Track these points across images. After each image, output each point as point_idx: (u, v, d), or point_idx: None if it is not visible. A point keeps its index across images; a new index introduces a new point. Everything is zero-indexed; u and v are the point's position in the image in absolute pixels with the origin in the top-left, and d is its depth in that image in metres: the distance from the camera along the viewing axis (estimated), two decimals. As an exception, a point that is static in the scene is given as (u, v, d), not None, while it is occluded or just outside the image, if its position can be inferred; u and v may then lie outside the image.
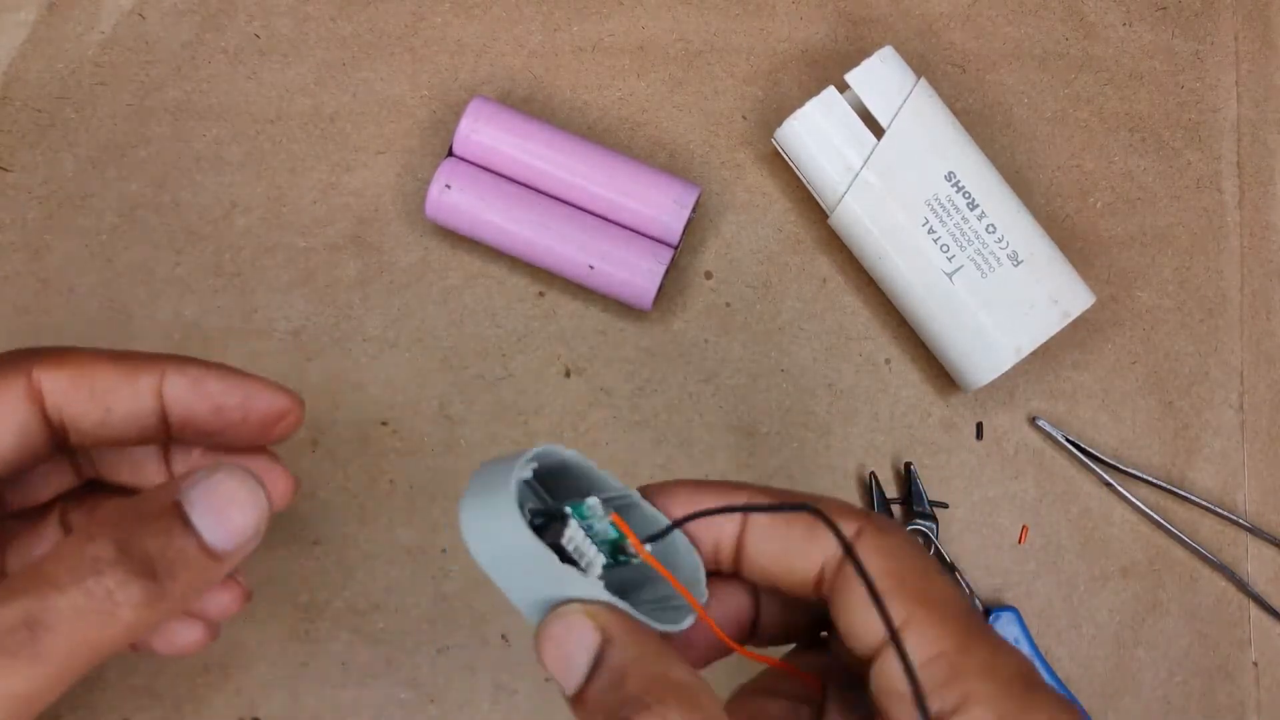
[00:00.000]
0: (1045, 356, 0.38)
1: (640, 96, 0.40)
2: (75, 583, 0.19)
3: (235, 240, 0.38)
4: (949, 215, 0.35)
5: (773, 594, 0.24)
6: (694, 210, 0.37)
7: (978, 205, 0.35)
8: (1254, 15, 0.41)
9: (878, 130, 0.35)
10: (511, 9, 0.40)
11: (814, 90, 0.36)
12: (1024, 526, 0.37)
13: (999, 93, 0.40)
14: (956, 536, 0.37)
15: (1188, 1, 0.42)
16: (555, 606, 0.20)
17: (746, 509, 0.22)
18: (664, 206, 0.36)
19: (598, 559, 0.21)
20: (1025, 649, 0.35)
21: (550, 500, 0.23)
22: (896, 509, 0.37)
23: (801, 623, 0.24)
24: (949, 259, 0.35)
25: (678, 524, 0.22)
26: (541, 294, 0.38)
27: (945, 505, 0.37)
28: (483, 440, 0.37)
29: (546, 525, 0.21)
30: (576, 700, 0.19)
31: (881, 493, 0.37)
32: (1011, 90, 0.40)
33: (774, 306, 0.38)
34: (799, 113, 0.36)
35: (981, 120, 0.40)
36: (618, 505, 0.22)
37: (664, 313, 0.38)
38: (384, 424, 0.37)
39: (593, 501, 0.22)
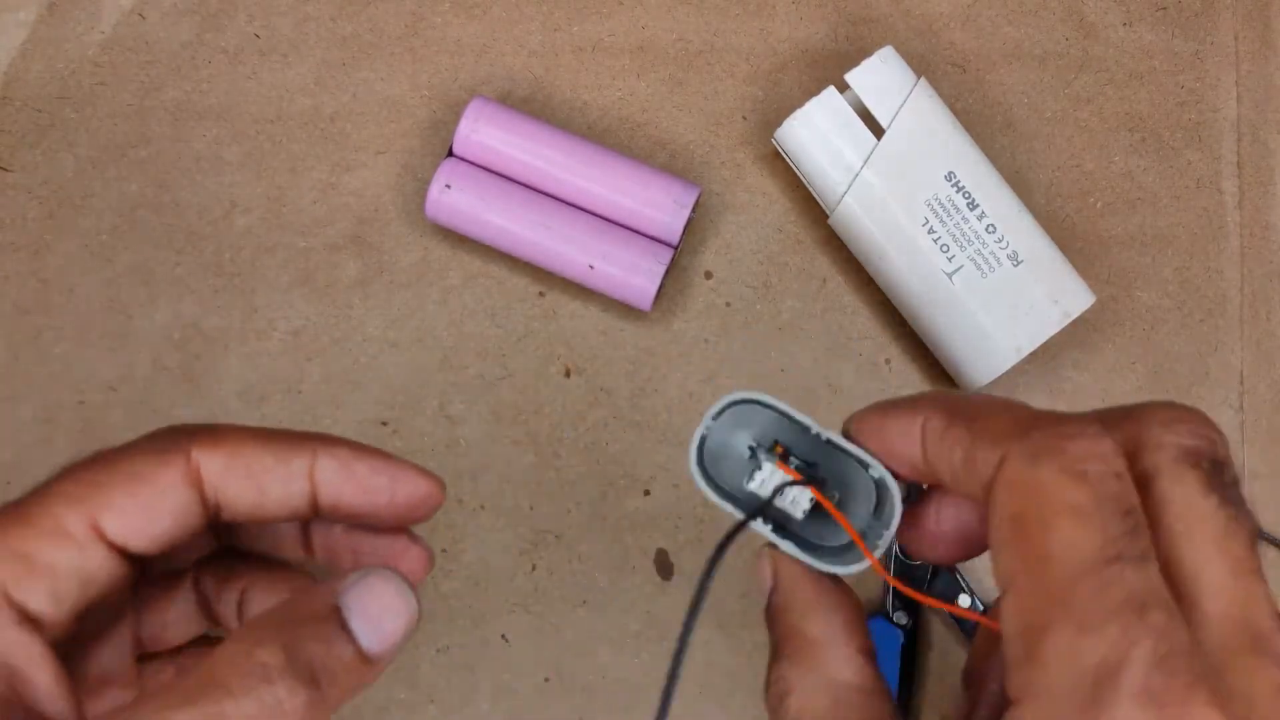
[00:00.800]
0: (1045, 356, 0.38)
1: (640, 96, 0.40)
2: (247, 691, 0.19)
3: (235, 240, 0.38)
4: (949, 215, 0.35)
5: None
6: (694, 210, 0.37)
7: (978, 205, 0.35)
8: (1254, 15, 0.41)
9: (878, 130, 0.35)
10: (511, 9, 0.40)
11: (814, 90, 0.36)
12: (1024, 526, 0.37)
13: (999, 93, 0.40)
14: (956, 536, 0.37)
15: (1188, 1, 0.42)
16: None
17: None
18: (664, 206, 0.36)
19: (802, 495, 0.23)
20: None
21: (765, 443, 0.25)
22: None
23: None
24: (949, 259, 0.35)
25: (750, 518, 0.23)
26: (541, 294, 0.38)
27: (945, 505, 0.37)
28: (483, 440, 0.37)
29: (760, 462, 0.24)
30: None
31: (882, 493, 0.37)
32: (1011, 90, 0.40)
33: (774, 306, 0.38)
34: (799, 113, 0.36)
35: (981, 120, 0.40)
36: (822, 441, 0.24)
37: (664, 313, 0.38)
38: (384, 424, 0.37)
39: (768, 466, 0.24)
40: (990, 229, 0.35)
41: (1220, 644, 0.18)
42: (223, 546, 0.27)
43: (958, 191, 0.35)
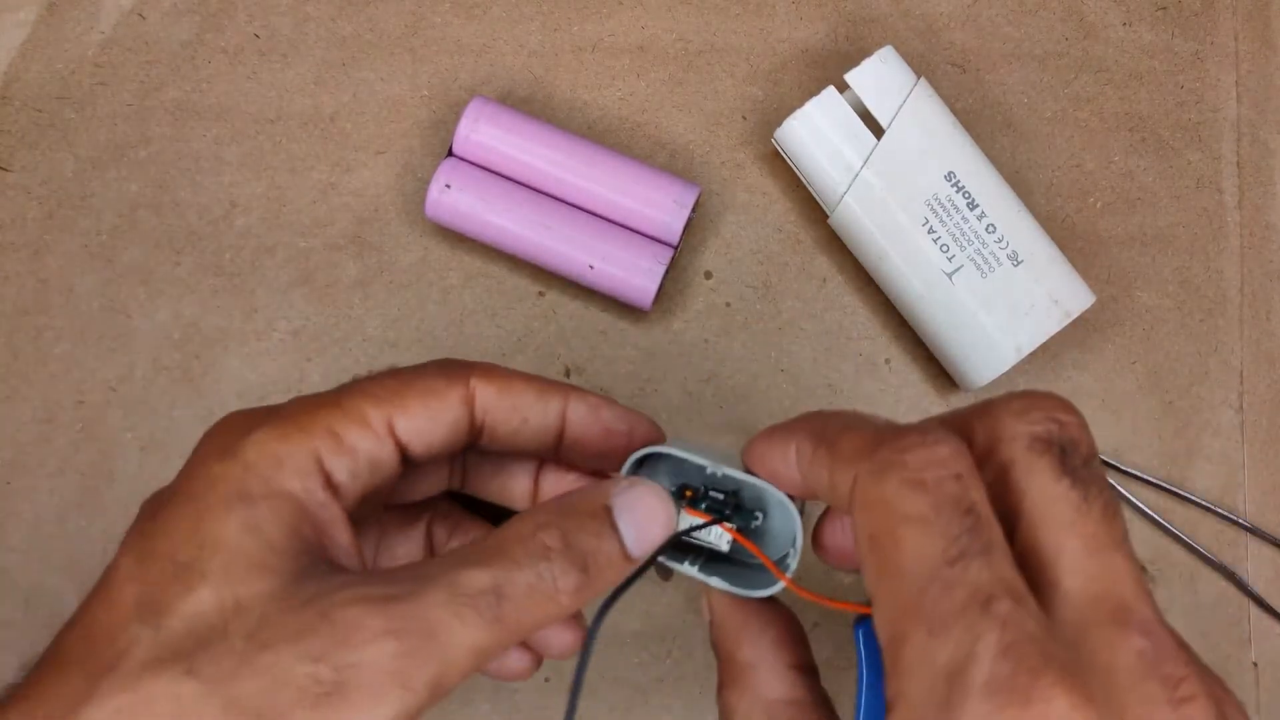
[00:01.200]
0: (1045, 356, 0.38)
1: (640, 96, 0.40)
2: (530, 564, 0.22)
3: (235, 240, 0.38)
4: (949, 215, 0.35)
5: None
6: (694, 210, 0.37)
7: (978, 205, 0.35)
8: (1254, 15, 0.41)
9: (878, 130, 0.35)
10: (511, 9, 0.40)
11: (814, 90, 0.36)
12: (1024, 526, 0.38)
13: (999, 93, 0.40)
14: (956, 536, 0.37)
15: (1188, 1, 0.42)
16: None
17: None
18: (664, 206, 0.36)
19: (722, 539, 0.25)
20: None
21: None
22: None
23: None
24: (949, 259, 0.35)
25: (658, 553, 0.24)
26: (541, 294, 0.38)
27: (945, 505, 0.37)
28: (483, 440, 0.37)
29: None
30: None
31: (881, 493, 0.37)
32: (1011, 90, 0.40)
33: (774, 306, 0.38)
34: (799, 112, 0.36)
35: (981, 120, 0.40)
36: (719, 477, 0.26)
37: (664, 313, 0.38)
38: (384, 424, 0.37)
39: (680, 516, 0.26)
40: (990, 229, 0.35)
41: (1079, 619, 0.18)
42: (456, 493, 0.30)
43: (958, 191, 0.35)
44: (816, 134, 0.36)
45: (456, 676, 0.21)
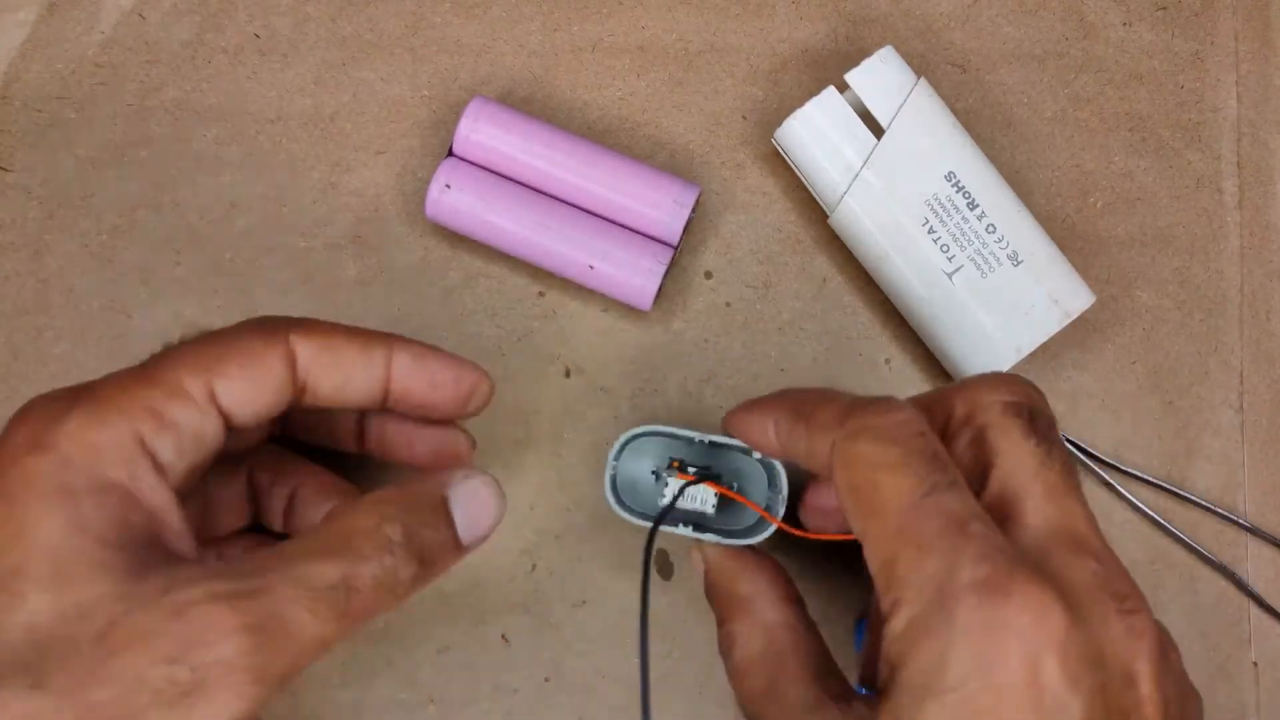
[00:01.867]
0: (1045, 356, 0.38)
1: (640, 96, 0.40)
2: (376, 558, 0.22)
3: (235, 240, 0.38)
4: (949, 215, 0.35)
5: None
6: (694, 210, 0.37)
7: (978, 205, 0.35)
8: (1254, 15, 0.41)
9: (878, 130, 0.35)
10: (511, 9, 0.40)
11: (814, 90, 0.36)
12: (1024, 526, 0.38)
13: (999, 93, 0.40)
14: (956, 536, 0.37)
15: (1188, 1, 0.42)
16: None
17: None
18: (664, 206, 0.36)
19: (708, 494, 0.29)
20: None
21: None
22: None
23: None
24: (949, 259, 0.35)
25: (662, 515, 0.28)
26: (541, 294, 0.38)
27: (945, 505, 0.37)
28: (482, 440, 0.37)
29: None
30: None
31: (881, 493, 0.37)
32: (1011, 90, 0.40)
33: (774, 306, 0.38)
34: (799, 112, 0.36)
35: (981, 120, 0.40)
36: (707, 445, 0.31)
37: (664, 313, 0.38)
38: (384, 424, 0.37)
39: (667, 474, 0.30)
40: (990, 229, 0.35)
41: (1041, 546, 0.22)
42: (277, 437, 0.30)
43: (958, 191, 0.35)
44: (816, 134, 0.36)
45: (303, 666, 0.21)
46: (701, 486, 0.29)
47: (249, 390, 0.23)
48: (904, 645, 0.20)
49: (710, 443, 0.30)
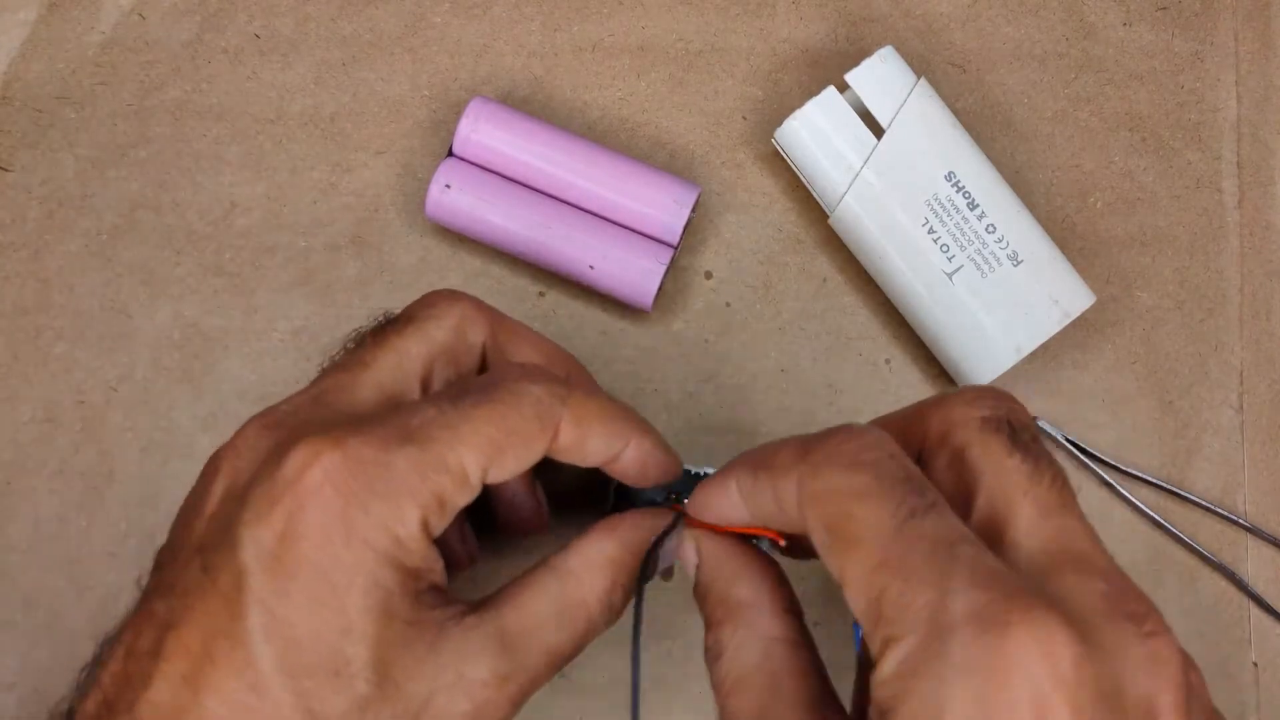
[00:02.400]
0: (1045, 356, 0.38)
1: (640, 96, 0.40)
2: (605, 619, 0.27)
3: (235, 240, 0.38)
4: (949, 215, 0.35)
5: None
6: (694, 210, 0.37)
7: (978, 205, 0.35)
8: (1254, 15, 0.41)
9: (878, 130, 0.35)
10: (511, 9, 0.40)
11: (814, 90, 0.36)
12: (1024, 526, 0.38)
13: (999, 93, 0.40)
14: (956, 536, 0.37)
15: (1188, 1, 0.42)
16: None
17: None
18: (664, 206, 0.36)
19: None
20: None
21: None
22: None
23: None
24: (949, 259, 0.35)
25: (657, 542, 0.27)
26: (542, 294, 0.38)
27: (945, 505, 0.37)
28: (483, 440, 0.37)
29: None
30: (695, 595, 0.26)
31: (881, 493, 0.37)
32: (1011, 90, 0.40)
33: (774, 306, 0.38)
34: (799, 113, 0.36)
35: (981, 120, 0.40)
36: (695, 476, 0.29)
37: (664, 313, 0.38)
38: (384, 424, 0.37)
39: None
40: (990, 229, 0.35)
41: (1039, 568, 0.20)
42: None
43: (958, 191, 0.35)
44: (817, 134, 0.36)
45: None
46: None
47: (513, 469, 0.25)
48: (895, 689, 0.18)
49: (704, 475, 0.29)
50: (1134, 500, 0.37)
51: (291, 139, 0.39)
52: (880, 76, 0.36)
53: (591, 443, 0.26)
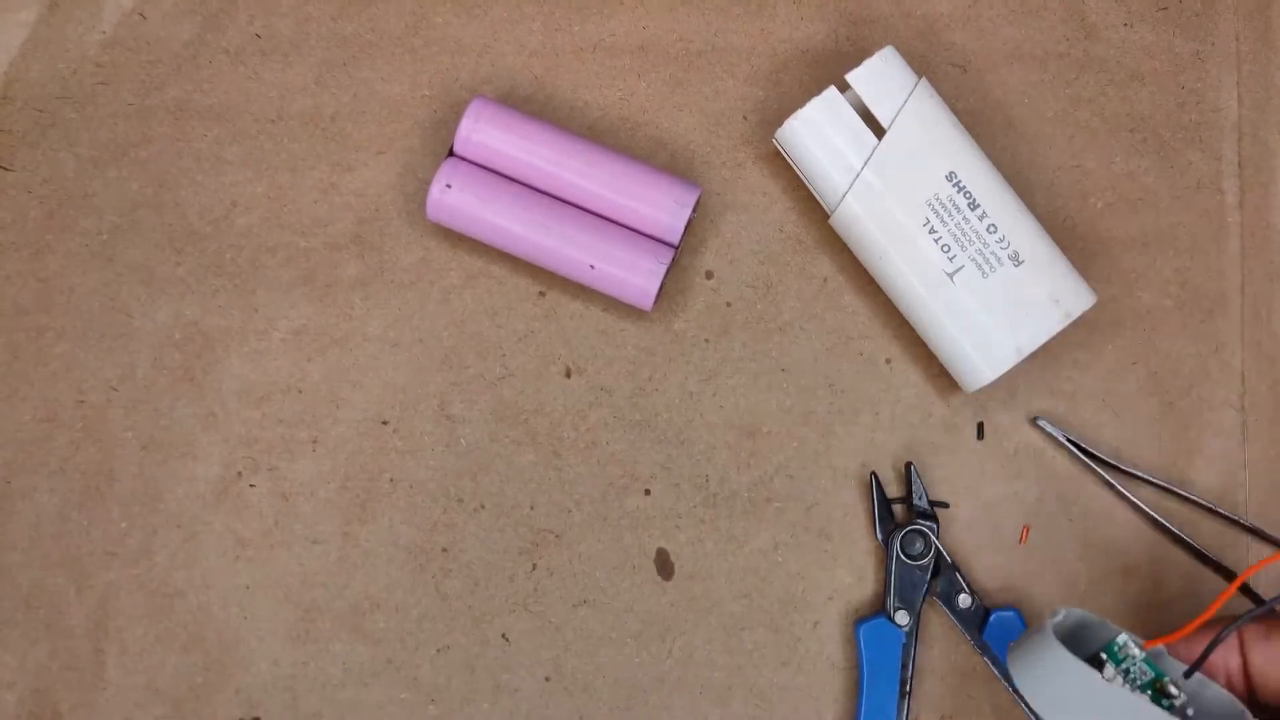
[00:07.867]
0: (1046, 356, 0.38)
1: (641, 96, 0.40)
2: None
3: (235, 240, 0.38)
4: (950, 215, 0.35)
5: None
6: (694, 210, 0.37)
7: (979, 205, 0.35)
8: (1254, 15, 0.41)
9: (879, 130, 0.35)
10: (512, 9, 0.40)
11: (815, 90, 0.36)
12: (1025, 526, 0.37)
13: (1000, 93, 0.40)
14: (957, 536, 0.37)
15: (1188, 1, 0.41)
16: None
17: (1233, 622, 0.28)
18: (664, 206, 0.36)
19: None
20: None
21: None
22: (897, 509, 0.37)
23: None
24: (950, 259, 0.35)
25: (1195, 666, 0.27)
26: (542, 294, 0.38)
27: (946, 505, 0.37)
28: (483, 440, 0.37)
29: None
30: None
31: (882, 493, 0.37)
32: (1012, 90, 0.40)
33: (774, 306, 0.38)
34: (800, 113, 0.36)
35: (982, 120, 0.40)
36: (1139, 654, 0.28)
37: (664, 313, 0.38)
38: (384, 423, 0.37)
39: (1123, 639, 0.28)
40: (991, 229, 0.35)
41: None
42: None
43: (959, 191, 0.35)
44: (817, 134, 0.36)
45: None
46: (1133, 680, 0.28)
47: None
48: None
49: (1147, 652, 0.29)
50: (1135, 500, 0.37)
51: (292, 139, 0.39)
52: (881, 77, 0.36)
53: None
